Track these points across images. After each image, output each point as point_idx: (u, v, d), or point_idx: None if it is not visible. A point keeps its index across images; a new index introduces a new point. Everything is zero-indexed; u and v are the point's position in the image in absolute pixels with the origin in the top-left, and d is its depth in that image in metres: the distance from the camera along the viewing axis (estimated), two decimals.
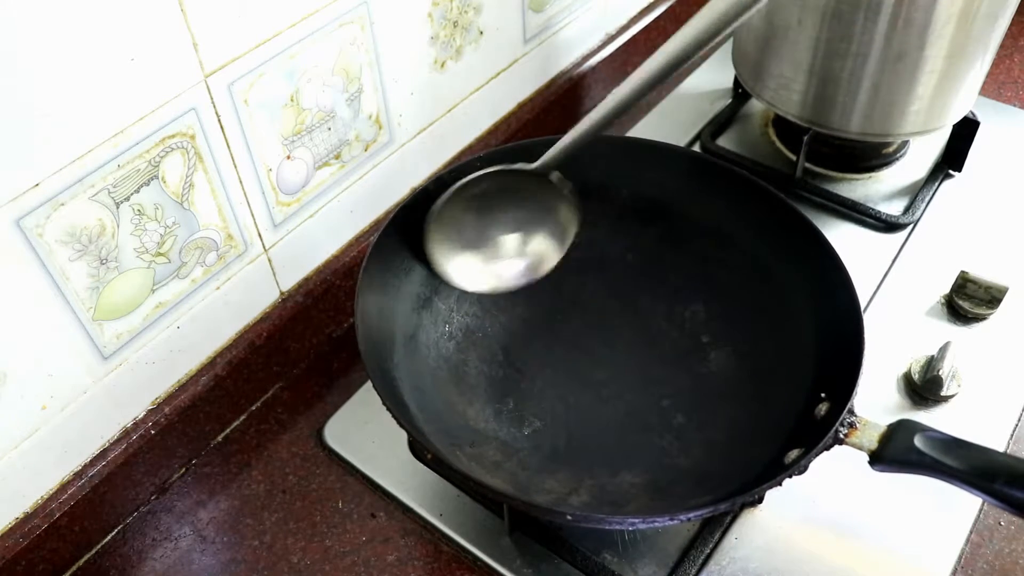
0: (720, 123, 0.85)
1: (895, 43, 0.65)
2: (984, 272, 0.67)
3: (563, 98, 0.85)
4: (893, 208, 0.77)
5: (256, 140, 0.58)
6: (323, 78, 0.60)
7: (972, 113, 0.75)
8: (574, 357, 0.64)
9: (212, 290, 0.60)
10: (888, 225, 0.75)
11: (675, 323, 0.65)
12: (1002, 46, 0.91)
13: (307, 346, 0.69)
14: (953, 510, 0.57)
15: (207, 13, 0.50)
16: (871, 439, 0.48)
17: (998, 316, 0.67)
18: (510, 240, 0.60)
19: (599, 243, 0.68)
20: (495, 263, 0.60)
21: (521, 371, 0.63)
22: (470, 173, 0.64)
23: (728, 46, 0.94)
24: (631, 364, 0.64)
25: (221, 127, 0.55)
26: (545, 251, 0.60)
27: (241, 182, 0.58)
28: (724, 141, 0.84)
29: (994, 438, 0.60)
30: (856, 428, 0.49)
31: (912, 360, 0.64)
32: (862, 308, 0.55)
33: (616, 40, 0.90)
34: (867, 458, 0.49)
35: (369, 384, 0.65)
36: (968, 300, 0.67)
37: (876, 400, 0.63)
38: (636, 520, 0.50)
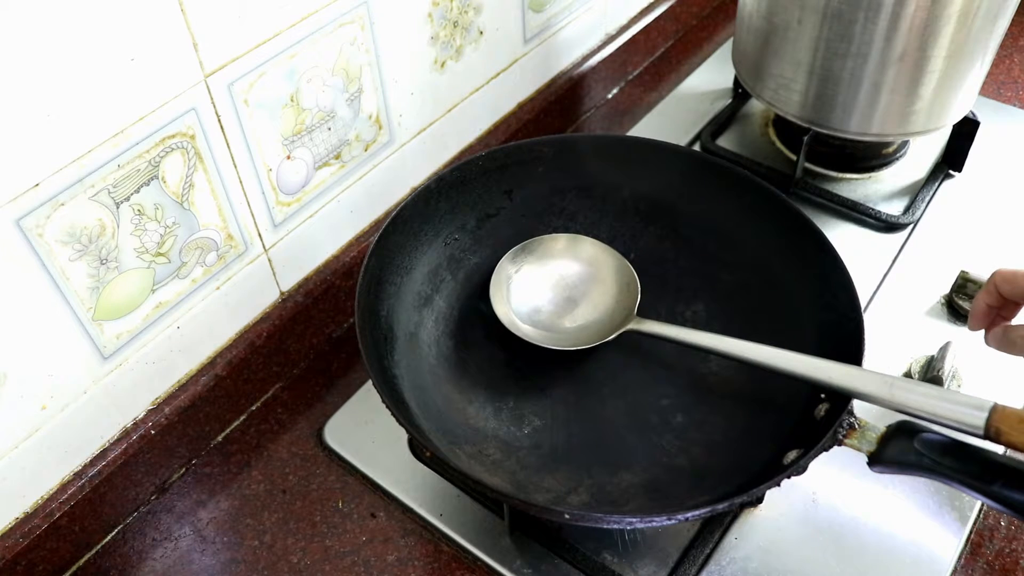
0: (720, 123, 0.85)
1: (895, 43, 0.65)
2: (984, 272, 0.67)
3: (563, 98, 0.84)
4: (893, 208, 0.77)
5: (256, 140, 0.58)
6: (323, 78, 0.60)
7: (972, 113, 0.75)
8: (574, 356, 0.64)
9: (212, 290, 0.60)
10: (888, 225, 0.75)
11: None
12: (1002, 46, 0.91)
13: (307, 346, 0.69)
14: (953, 510, 0.57)
15: (207, 13, 0.50)
16: (870, 440, 0.48)
17: None
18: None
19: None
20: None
21: (521, 370, 0.63)
22: (470, 172, 0.64)
23: (728, 46, 0.94)
24: (631, 363, 0.64)
25: (221, 127, 0.55)
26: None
27: (241, 182, 0.58)
28: (724, 141, 0.84)
29: None
30: (855, 429, 0.49)
31: (912, 360, 0.64)
32: (862, 308, 0.54)
33: (616, 40, 0.90)
34: (866, 459, 0.49)
35: (369, 384, 0.65)
36: (968, 300, 0.67)
37: None
38: (634, 520, 0.50)
